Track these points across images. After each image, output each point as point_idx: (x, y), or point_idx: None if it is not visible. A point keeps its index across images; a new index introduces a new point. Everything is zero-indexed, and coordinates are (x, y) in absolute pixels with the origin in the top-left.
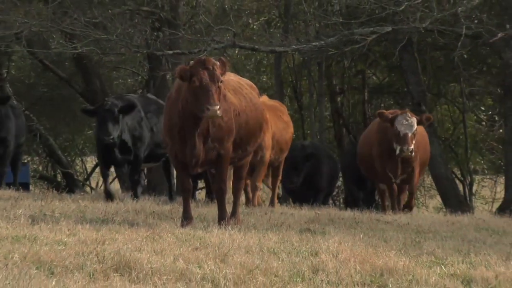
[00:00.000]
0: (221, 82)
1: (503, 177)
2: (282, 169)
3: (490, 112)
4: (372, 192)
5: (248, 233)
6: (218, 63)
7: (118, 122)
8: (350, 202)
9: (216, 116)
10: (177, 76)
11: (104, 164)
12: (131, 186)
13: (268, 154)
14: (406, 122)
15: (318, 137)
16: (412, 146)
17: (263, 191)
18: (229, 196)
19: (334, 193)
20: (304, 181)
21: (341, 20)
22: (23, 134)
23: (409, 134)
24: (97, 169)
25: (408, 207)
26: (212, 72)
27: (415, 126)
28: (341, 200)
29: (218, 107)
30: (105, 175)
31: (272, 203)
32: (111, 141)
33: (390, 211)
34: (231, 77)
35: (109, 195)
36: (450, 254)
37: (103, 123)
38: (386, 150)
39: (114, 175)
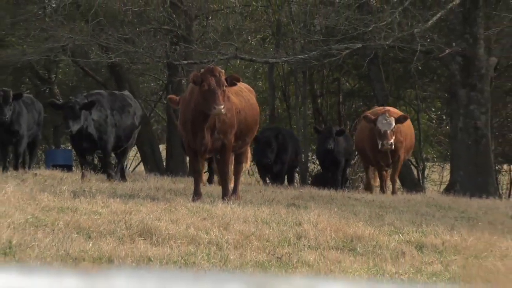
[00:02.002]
0: (225, 86)
1: (449, 164)
2: (257, 147)
3: (439, 112)
4: (339, 173)
5: (246, 207)
6: (223, 71)
7: (79, 117)
8: (319, 181)
9: (221, 113)
10: (190, 81)
11: (77, 152)
12: (104, 168)
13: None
14: (385, 121)
15: (302, 130)
16: (392, 141)
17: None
18: (230, 177)
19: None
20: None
21: (321, 38)
22: (35, 126)
23: (388, 131)
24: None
25: (393, 190)
26: (218, 78)
27: (393, 124)
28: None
29: (222, 106)
30: (81, 162)
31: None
32: (70, 133)
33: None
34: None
35: (83, 176)
36: (406, 225)
37: (65, 118)
38: (376, 144)
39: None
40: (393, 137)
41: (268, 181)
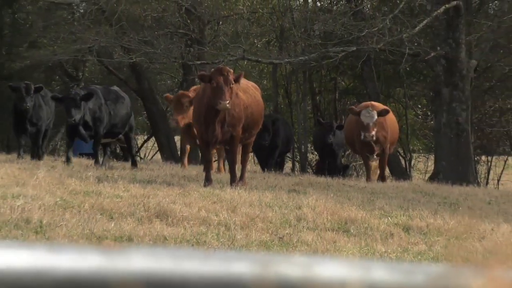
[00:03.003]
0: (233, 84)
1: (433, 155)
2: None
3: (425, 109)
4: (335, 163)
5: (251, 192)
6: (232, 70)
7: (80, 107)
8: (319, 170)
9: (226, 108)
10: (198, 78)
11: (69, 137)
12: (93, 155)
13: None
14: (368, 115)
15: (303, 124)
16: (373, 133)
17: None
18: (238, 166)
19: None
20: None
21: (320, 41)
22: (50, 118)
23: (370, 124)
24: (145, 144)
25: (382, 178)
26: (226, 77)
27: (375, 117)
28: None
29: (228, 102)
30: (69, 145)
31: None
32: (73, 122)
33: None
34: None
35: (68, 160)
36: (394, 209)
37: (67, 108)
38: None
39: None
40: (375, 130)
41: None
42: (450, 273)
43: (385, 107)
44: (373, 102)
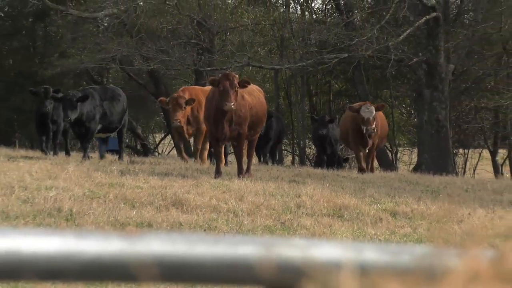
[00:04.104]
0: (237, 88)
1: (416, 149)
2: None
3: (408, 108)
4: (334, 156)
5: (256, 182)
6: (237, 76)
7: (76, 108)
8: (318, 162)
9: (231, 109)
10: (208, 83)
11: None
12: (83, 149)
13: (203, 127)
14: (367, 110)
15: (301, 122)
16: (374, 126)
17: None
18: (244, 159)
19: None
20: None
21: (315, 49)
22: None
23: (370, 118)
24: (162, 141)
25: (371, 169)
26: (232, 81)
27: (374, 112)
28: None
29: (232, 103)
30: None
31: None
32: (69, 121)
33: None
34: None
35: (67, 152)
36: (383, 196)
37: (64, 109)
38: (357, 131)
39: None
40: (375, 123)
41: (261, 160)
42: (433, 253)
43: (380, 103)
44: (367, 102)
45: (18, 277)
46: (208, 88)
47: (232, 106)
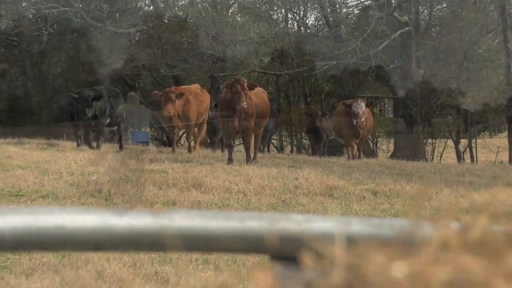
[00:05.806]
0: (247, 90)
1: (393, 139)
2: None
3: (386, 106)
4: (321, 145)
5: (262, 168)
6: (246, 80)
7: (92, 106)
8: (314, 151)
9: (244, 108)
10: (224, 87)
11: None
12: (97, 139)
13: (192, 123)
14: (358, 105)
15: (298, 118)
16: (363, 119)
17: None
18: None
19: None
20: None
21: (310, 58)
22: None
23: (360, 112)
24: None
25: (359, 156)
26: (242, 85)
27: (364, 107)
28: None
29: (245, 103)
30: (77, 135)
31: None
32: (87, 118)
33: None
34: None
35: (78, 145)
36: (365, 178)
37: (82, 107)
38: (350, 124)
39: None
40: (364, 117)
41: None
42: (409, 225)
43: (370, 100)
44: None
45: (64, 248)
46: (194, 87)
47: (245, 105)
